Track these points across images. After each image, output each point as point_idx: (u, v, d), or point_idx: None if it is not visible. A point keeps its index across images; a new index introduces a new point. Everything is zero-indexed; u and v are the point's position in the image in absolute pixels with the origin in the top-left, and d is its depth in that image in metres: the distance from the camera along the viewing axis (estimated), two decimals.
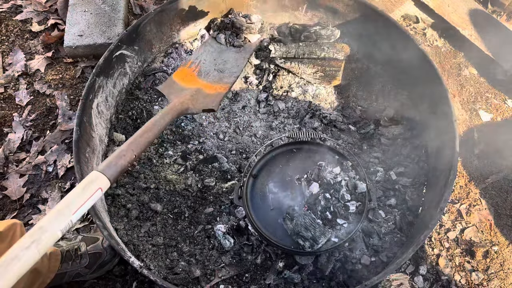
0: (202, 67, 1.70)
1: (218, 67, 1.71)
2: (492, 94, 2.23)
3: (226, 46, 1.82)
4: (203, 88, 1.59)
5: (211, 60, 1.74)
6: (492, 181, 1.96)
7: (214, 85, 1.62)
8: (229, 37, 1.84)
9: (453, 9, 2.35)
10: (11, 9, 2.43)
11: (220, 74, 1.67)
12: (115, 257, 1.64)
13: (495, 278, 1.74)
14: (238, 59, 1.75)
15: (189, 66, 1.71)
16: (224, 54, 1.77)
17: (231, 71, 1.70)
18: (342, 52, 2.02)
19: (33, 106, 2.11)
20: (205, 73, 1.67)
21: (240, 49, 1.84)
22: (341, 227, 1.56)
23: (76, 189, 0.96)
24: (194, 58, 1.75)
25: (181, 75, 1.65)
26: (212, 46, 1.82)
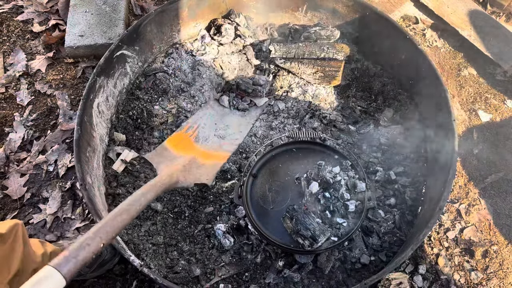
0: (201, 132, 1.50)
1: (219, 133, 1.52)
2: (491, 94, 2.24)
3: (230, 109, 1.62)
4: (199, 157, 1.39)
5: (211, 125, 1.54)
6: (491, 181, 1.97)
7: (212, 153, 1.43)
8: (233, 99, 1.65)
9: (453, 10, 2.36)
10: (12, 10, 2.44)
11: (220, 141, 1.49)
12: (115, 256, 1.64)
13: (494, 277, 1.74)
14: (241, 124, 1.56)
15: (186, 130, 1.51)
16: (226, 118, 1.58)
17: (232, 137, 1.50)
18: (341, 53, 2.03)
19: (34, 106, 2.12)
20: (203, 139, 1.48)
21: (244, 112, 1.63)
22: (340, 226, 1.57)
23: (23, 286, 0.79)
24: (192, 122, 1.54)
25: (176, 141, 1.45)
26: (214, 108, 1.62)
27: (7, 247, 1.23)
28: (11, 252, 1.24)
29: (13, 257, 1.25)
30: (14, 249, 1.26)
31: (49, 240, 1.74)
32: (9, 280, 1.21)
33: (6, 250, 1.23)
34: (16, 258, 1.25)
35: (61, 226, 1.80)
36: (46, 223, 1.80)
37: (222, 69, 2.12)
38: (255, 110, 1.64)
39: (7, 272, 1.21)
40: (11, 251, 1.24)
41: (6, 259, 1.22)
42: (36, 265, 1.38)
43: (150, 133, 1.93)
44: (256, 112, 1.63)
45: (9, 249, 1.24)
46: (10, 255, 1.24)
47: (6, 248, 1.23)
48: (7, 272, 1.21)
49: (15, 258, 1.25)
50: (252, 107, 1.64)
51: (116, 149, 1.84)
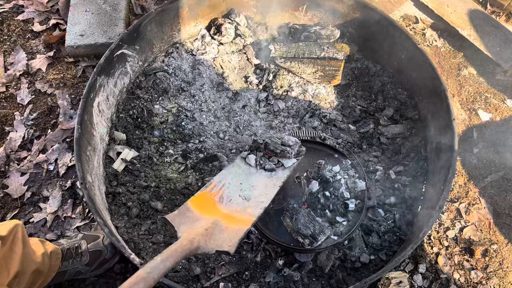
0: (225, 191, 1.44)
1: (244, 193, 1.45)
2: (491, 94, 2.24)
3: (256, 169, 1.55)
4: (222, 220, 1.32)
5: (237, 184, 1.48)
6: (491, 180, 1.97)
7: (236, 216, 1.35)
8: (261, 159, 1.58)
9: (453, 10, 2.36)
10: (13, 9, 2.44)
11: (244, 202, 1.41)
12: (115, 255, 1.65)
13: (494, 276, 1.74)
14: (267, 186, 1.48)
15: (211, 190, 1.44)
16: (252, 178, 1.51)
17: (258, 200, 1.42)
18: (341, 52, 2.03)
19: (34, 105, 2.12)
20: (227, 199, 1.42)
21: (271, 173, 1.55)
22: (340, 225, 1.57)
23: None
24: (217, 180, 1.48)
25: (199, 201, 1.37)
26: (240, 167, 1.56)
27: (6, 249, 1.23)
28: (10, 253, 1.24)
29: (13, 258, 1.25)
30: (14, 251, 1.26)
31: (50, 239, 1.75)
32: (9, 282, 1.21)
33: (6, 252, 1.23)
34: (15, 260, 1.25)
35: (62, 225, 1.81)
36: (46, 222, 1.80)
37: (222, 68, 2.13)
38: (283, 171, 1.56)
39: (7, 274, 1.21)
40: (10, 253, 1.24)
41: (5, 261, 1.22)
42: (37, 265, 1.38)
43: (151, 132, 1.94)
44: (284, 174, 1.55)
45: (8, 251, 1.24)
46: (9, 257, 1.23)
47: (5, 250, 1.22)
48: (7, 274, 1.21)
49: (14, 259, 1.25)
50: (279, 168, 1.58)
51: (117, 148, 1.84)
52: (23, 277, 1.31)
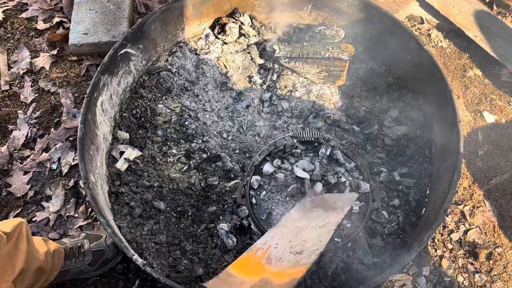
0: (273, 252, 1.26)
1: (295, 250, 1.26)
2: (497, 95, 2.23)
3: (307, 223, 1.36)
4: (272, 277, 1.16)
5: (286, 244, 1.29)
6: (496, 183, 1.96)
7: (288, 271, 1.18)
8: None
9: (458, 10, 2.34)
10: (17, 7, 2.44)
11: (297, 257, 1.23)
12: (118, 255, 1.64)
13: (498, 280, 1.73)
14: (321, 235, 1.30)
15: (255, 253, 1.26)
16: (303, 233, 1.34)
17: (311, 249, 1.25)
18: (346, 52, 2.02)
19: (37, 104, 2.12)
20: (276, 260, 1.23)
21: (324, 222, 1.37)
22: (344, 227, 1.56)
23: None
24: (261, 243, 1.30)
25: (243, 265, 1.19)
26: (287, 227, 1.38)
27: (11, 246, 1.24)
28: (15, 251, 1.25)
29: (18, 256, 1.25)
30: (19, 248, 1.26)
31: (52, 238, 1.74)
32: (13, 278, 1.21)
33: (11, 249, 1.23)
34: (20, 257, 1.26)
35: (64, 224, 1.80)
36: (49, 221, 1.80)
37: (226, 68, 2.12)
38: (337, 215, 1.39)
39: (12, 270, 1.21)
40: (15, 250, 1.25)
41: (10, 258, 1.22)
42: (40, 263, 1.39)
43: (154, 132, 1.93)
44: (338, 218, 1.37)
45: (13, 248, 1.24)
46: (14, 254, 1.24)
47: (10, 247, 1.23)
48: (12, 270, 1.21)
49: (19, 256, 1.26)
50: (333, 215, 1.40)
51: (120, 147, 1.84)
52: (26, 275, 1.31)
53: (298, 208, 1.48)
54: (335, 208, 1.44)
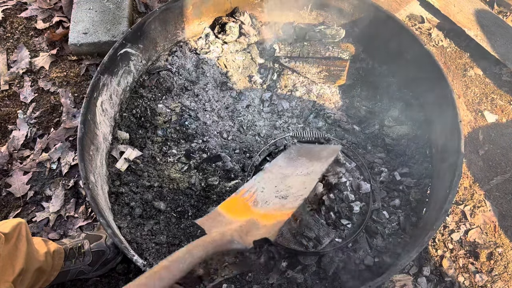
0: (259, 196, 1.33)
1: (280, 194, 1.33)
2: (498, 95, 2.22)
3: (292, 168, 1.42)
4: (259, 219, 1.21)
5: (271, 188, 1.36)
6: (496, 183, 1.96)
7: (274, 213, 1.23)
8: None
9: (459, 9, 2.34)
10: (16, 6, 2.43)
11: (282, 201, 1.29)
12: (118, 255, 1.64)
13: (499, 280, 1.73)
14: (305, 182, 1.36)
15: (243, 195, 1.34)
16: (288, 180, 1.40)
17: (296, 195, 1.31)
18: (347, 52, 2.01)
19: (37, 104, 2.11)
20: (262, 202, 1.30)
21: (308, 170, 1.43)
22: (345, 227, 1.56)
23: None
24: (248, 187, 1.38)
25: (231, 206, 1.27)
26: (273, 172, 1.45)
27: (11, 246, 1.23)
28: (15, 251, 1.24)
29: (17, 256, 1.25)
30: (18, 248, 1.26)
31: (52, 238, 1.74)
32: (13, 279, 1.21)
33: (11, 249, 1.23)
34: (20, 257, 1.26)
35: (64, 224, 1.80)
36: (49, 221, 1.80)
37: (226, 67, 2.11)
38: (322, 164, 1.44)
39: (12, 271, 1.21)
40: (15, 250, 1.25)
41: (10, 258, 1.22)
42: (40, 264, 1.38)
43: (154, 132, 1.93)
44: (322, 168, 1.42)
45: (13, 248, 1.24)
46: (14, 254, 1.24)
47: (10, 247, 1.23)
48: (12, 271, 1.21)
49: (19, 257, 1.25)
50: (318, 164, 1.44)
51: (120, 147, 1.83)
52: (26, 275, 1.31)
53: (283, 156, 1.52)
54: (320, 158, 1.47)
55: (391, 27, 1.97)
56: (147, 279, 0.85)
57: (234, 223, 1.16)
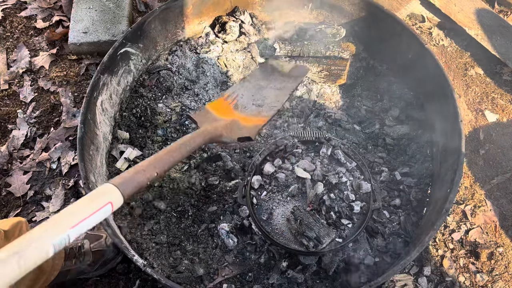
0: (239, 101, 1.57)
1: (257, 102, 1.57)
2: (498, 94, 2.22)
3: (267, 81, 1.65)
4: (240, 120, 1.45)
5: (249, 96, 1.60)
6: (497, 182, 1.95)
7: (252, 118, 1.48)
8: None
9: (460, 8, 2.33)
10: (16, 6, 2.43)
11: (258, 108, 1.53)
12: (118, 255, 1.64)
13: (499, 279, 1.73)
14: (278, 95, 1.59)
15: (226, 98, 1.57)
16: (263, 91, 1.62)
17: (270, 105, 1.54)
18: (347, 51, 2.01)
19: (37, 103, 2.11)
20: (242, 107, 1.54)
21: (281, 86, 1.65)
22: (345, 227, 1.55)
23: (82, 199, 0.81)
24: (230, 92, 1.61)
25: (216, 106, 1.51)
26: (251, 82, 1.67)
27: None
28: None
29: None
30: None
31: None
32: None
33: None
34: None
35: None
36: None
37: (226, 67, 2.11)
38: (292, 82, 1.68)
39: None
40: None
41: None
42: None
43: (154, 131, 1.92)
44: (293, 85, 1.66)
45: None
46: None
47: None
48: None
49: None
50: (289, 81, 1.69)
51: (120, 147, 1.83)
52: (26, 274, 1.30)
53: (260, 70, 1.75)
54: (291, 76, 1.72)
55: (392, 26, 1.97)
56: (165, 155, 1.04)
57: (221, 121, 1.39)
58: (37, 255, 0.70)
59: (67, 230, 0.74)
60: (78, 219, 0.76)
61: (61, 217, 0.75)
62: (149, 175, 0.94)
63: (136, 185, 0.90)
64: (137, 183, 0.90)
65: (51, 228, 0.73)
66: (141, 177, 0.92)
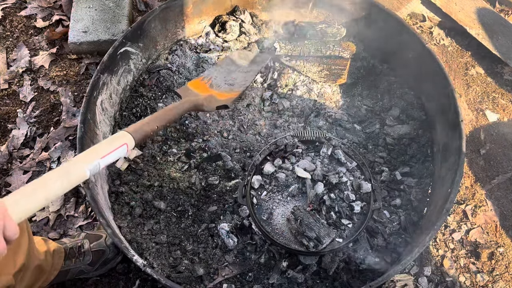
0: (214, 81, 1.82)
1: (228, 82, 1.83)
2: (499, 94, 2.21)
3: (235, 66, 1.94)
4: (215, 95, 1.71)
5: (221, 77, 1.86)
6: (498, 182, 1.95)
7: (226, 93, 1.74)
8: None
9: (460, 8, 2.33)
10: (16, 5, 2.42)
11: (230, 87, 1.80)
12: (118, 255, 1.64)
13: (500, 280, 1.72)
14: (246, 77, 1.87)
15: (202, 79, 1.82)
16: (233, 74, 1.90)
17: (240, 84, 1.82)
18: (348, 51, 2.00)
19: (37, 103, 2.10)
20: (216, 86, 1.79)
21: (247, 69, 1.92)
22: (345, 227, 1.55)
23: (105, 140, 1.07)
24: (206, 74, 1.86)
25: (195, 84, 1.76)
26: (222, 67, 1.93)
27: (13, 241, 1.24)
28: (17, 246, 1.25)
29: (19, 251, 1.26)
30: (20, 244, 1.27)
31: (52, 238, 1.74)
32: (14, 273, 1.21)
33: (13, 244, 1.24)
34: (21, 253, 1.26)
35: (64, 224, 1.80)
36: (49, 220, 1.79)
37: None
38: (257, 66, 1.95)
39: (13, 265, 1.22)
40: (17, 245, 1.25)
41: (12, 253, 1.23)
42: (40, 261, 1.38)
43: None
44: (258, 68, 1.94)
45: (15, 244, 1.25)
46: (16, 249, 1.25)
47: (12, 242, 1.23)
48: (13, 265, 1.22)
49: (20, 252, 1.26)
50: (254, 66, 1.96)
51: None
52: (26, 273, 1.31)
53: (229, 57, 2.00)
54: (255, 62, 1.99)
55: (392, 26, 1.96)
56: (162, 114, 1.30)
57: (200, 95, 1.65)
58: (78, 175, 0.94)
59: (97, 159, 0.99)
60: (105, 152, 1.02)
61: (93, 150, 1.02)
62: (152, 127, 1.22)
63: (143, 133, 1.17)
64: (144, 131, 1.18)
65: (87, 157, 0.99)
66: (146, 127, 1.20)
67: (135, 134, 1.13)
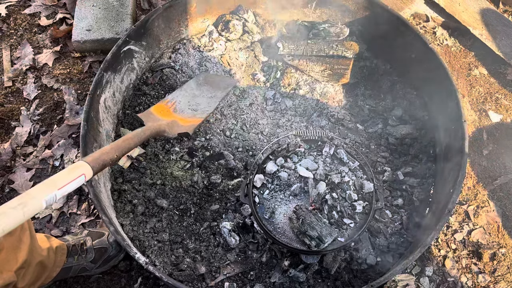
0: (177, 106, 1.85)
1: (192, 107, 1.87)
2: (502, 94, 2.21)
3: (200, 92, 1.95)
4: (178, 121, 1.75)
5: (185, 102, 1.88)
6: (500, 183, 1.94)
7: (188, 119, 1.78)
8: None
9: (464, 8, 2.32)
10: (20, 3, 2.43)
11: (193, 112, 1.84)
12: (120, 252, 1.64)
13: (502, 280, 1.72)
14: (210, 102, 1.90)
15: (166, 104, 1.84)
16: (197, 99, 1.91)
17: (203, 110, 1.86)
18: (351, 50, 2.00)
19: (40, 100, 2.11)
20: (180, 111, 1.83)
21: (212, 95, 1.93)
22: (347, 227, 1.55)
23: (63, 171, 1.08)
24: (170, 98, 1.88)
25: (159, 109, 1.79)
26: (187, 91, 1.94)
27: (15, 238, 1.25)
28: (19, 243, 1.26)
29: (21, 248, 1.27)
30: (22, 240, 1.28)
31: (55, 235, 1.74)
32: (16, 269, 1.22)
33: (14, 242, 1.25)
34: (23, 249, 1.27)
35: (67, 221, 1.80)
36: (51, 218, 1.80)
37: (229, 65, 2.11)
38: (221, 92, 1.94)
39: (15, 261, 1.23)
40: (19, 242, 1.26)
41: (14, 250, 1.24)
42: (42, 258, 1.39)
43: None
44: (222, 94, 1.94)
45: (17, 240, 1.26)
46: (18, 246, 1.26)
47: (14, 240, 1.25)
48: (15, 261, 1.23)
49: (22, 249, 1.27)
50: (218, 91, 1.95)
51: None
52: (28, 269, 1.31)
53: (194, 81, 1.99)
54: (220, 87, 1.98)
55: (396, 26, 1.96)
56: (122, 142, 1.31)
57: (163, 121, 1.68)
58: (34, 206, 0.95)
59: (54, 190, 1.01)
60: (63, 183, 1.04)
61: (50, 181, 1.02)
62: (111, 156, 1.23)
63: (102, 162, 1.18)
64: (102, 161, 1.18)
65: (44, 189, 1.00)
66: (105, 157, 1.20)
67: (93, 164, 1.13)
